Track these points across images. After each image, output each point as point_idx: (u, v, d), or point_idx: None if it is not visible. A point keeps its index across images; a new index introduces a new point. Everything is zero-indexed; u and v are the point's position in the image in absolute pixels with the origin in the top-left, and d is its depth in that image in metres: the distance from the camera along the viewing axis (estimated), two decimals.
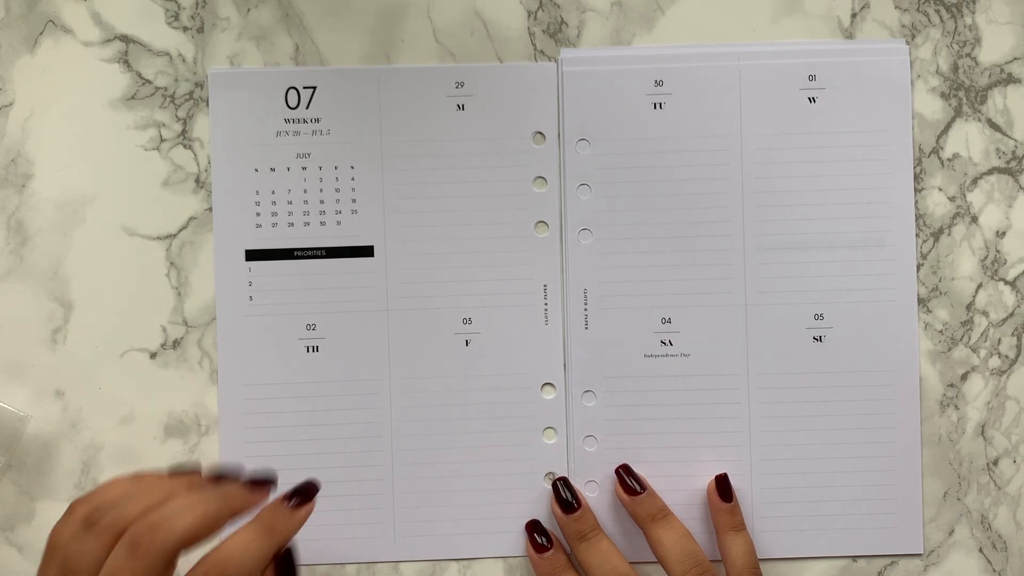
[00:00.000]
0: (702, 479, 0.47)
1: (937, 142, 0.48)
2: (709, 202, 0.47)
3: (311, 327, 0.47)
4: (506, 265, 0.47)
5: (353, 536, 0.47)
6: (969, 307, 0.48)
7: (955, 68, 0.48)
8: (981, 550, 0.48)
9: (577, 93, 0.47)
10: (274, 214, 0.47)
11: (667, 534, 0.44)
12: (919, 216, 0.48)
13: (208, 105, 0.47)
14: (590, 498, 0.47)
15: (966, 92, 0.48)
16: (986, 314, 0.48)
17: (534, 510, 0.47)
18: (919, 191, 0.48)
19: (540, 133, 0.47)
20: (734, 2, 0.48)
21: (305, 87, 0.47)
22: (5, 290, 0.47)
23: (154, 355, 0.47)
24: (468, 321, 0.47)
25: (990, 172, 0.48)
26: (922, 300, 0.48)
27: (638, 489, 0.46)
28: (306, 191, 0.47)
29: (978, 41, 0.48)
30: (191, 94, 0.47)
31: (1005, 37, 0.48)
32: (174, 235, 0.47)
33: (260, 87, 0.47)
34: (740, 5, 0.48)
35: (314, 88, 0.47)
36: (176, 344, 0.47)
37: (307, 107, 0.47)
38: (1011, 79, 0.48)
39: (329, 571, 0.47)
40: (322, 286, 0.47)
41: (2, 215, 0.47)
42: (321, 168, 0.47)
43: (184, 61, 0.47)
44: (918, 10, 0.48)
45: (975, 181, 0.48)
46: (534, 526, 0.46)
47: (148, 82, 0.47)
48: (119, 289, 0.47)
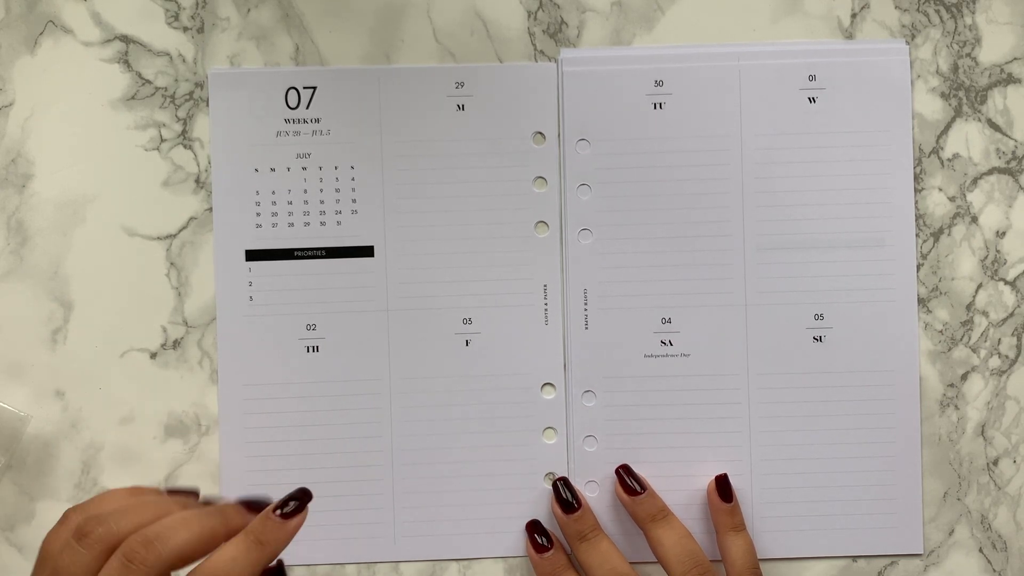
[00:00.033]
0: (702, 479, 0.47)
1: (937, 142, 0.48)
2: (709, 202, 0.47)
3: (311, 327, 0.47)
4: (506, 265, 0.47)
5: (353, 536, 0.47)
6: (969, 307, 0.48)
7: (955, 68, 0.48)
8: (981, 550, 0.48)
9: (577, 93, 0.47)
10: (274, 214, 0.47)
11: (667, 534, 0.44)
12: (919, 216, 0.48)
13: (208, 105, 0.47)
14: (590, 498, 0.47)
15: (966, 92, 0.48)
16: (986, 314, 0.48)
17: (534, 510, 0.47)
18: (919, 191, 0.48)
19: (540, 133, 0.47)
20: (734, 2, 0.48)
21: (305, 87, 0.47)
22: (5, 290, 0.47)
23: (154, 355, 0.47)
24: (468, 321, 0.47)
25: (990, 172, 0.48)
26: (922, 300, 0.48)
27: (638, 489, 0.45)
28: (306, 191, 0.47)
29: (978, 41, 0.48)
30: (191, 94, 0.47)
31: (1005, 37, 0.48)
32: (174, 235, 0.47)
33: (260, 87, 0.47)
34: (740, 5, 0.48)
35: (314, 88, 0.47)
36: (176, 344, 0.47)
37: (307, 107, 0.47)
38: (1011, 79, 0.48)
39: (329, 571, 0.47)
40: (322, 286, 0.47)
41: (2, 215, 0.47)
42: (321, 168, 0.47)
43: (184, 61, 0.47)
44: (918, 10, 0.48)
45: (975, 181, 0.48)
46: (534, 526, 0.46)
47: (148, 82, 0.47)
48: (119, 289, 0.47)
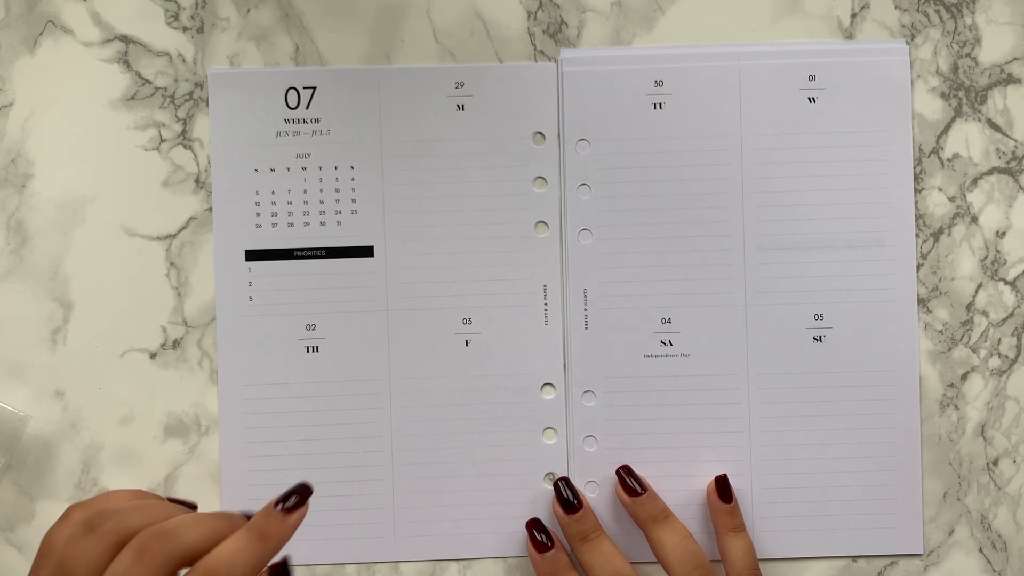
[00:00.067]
0: (702, 479, 0.47)
1: (937, 142, 0.48)
2: (709, 202, 0.47)
3: (311, 327, 0.47)
4: (506, 265, 0.47)
5: (353, 536, 0.47)
6: (969, 307, 0.48)
7: (955, 68, 0.48)
8: (981, 550, 0.48)
9: (577, 93, 0.47)
10: (274, 214, 0.47)
11: (668, 536, 0.44)
12: (919, 216, 0.48)
13: (208, 105, 0.47)
14: (590, 498, 0.47)
15: (966, 92, 0.48)
16: (986, 314, 0.48)
17: (534, 510, 0.47)
18: (919, 191, 0.48)
19: (540, 133, 0.47)
20: (734, 2, 0.48)
21: (305, 87, 0.47)
22: (5, 290, 0.47)
23: (154, 355, 0.47)
24: (468, 321, 0.47)
25: (990, 172, 0.48)
26: (922, 300, 0.48)
27: (639, 490, 0.45)
28: (306, 191, 0.47)
29: (978, 41, 0.48)
30: (191, 94, 0.47)
31: (1005, 37, 0.48)
32: (174, 235, 0.47)
33: (260, 87, 0.47)
34: (740, 5, 0.48)
35: (314, 88, 0.47)
36: (176, 344, 0.47)
37: (307, 107, 0.47)
38: (1011, 79, 0.48)
39: (329, 571, 0.47)
40: (322, 286, 0.47)
41: (2, 215, 0.47)
42: (321, 168, 0.47)
43: (184, 61, 0.47)
44: (918, 10, 0.48)
45: (975, 181, 0.48)
46: (535, 525, 0.46)
47: (148, 82, 0.47)
48: (119, 289, 0.47)
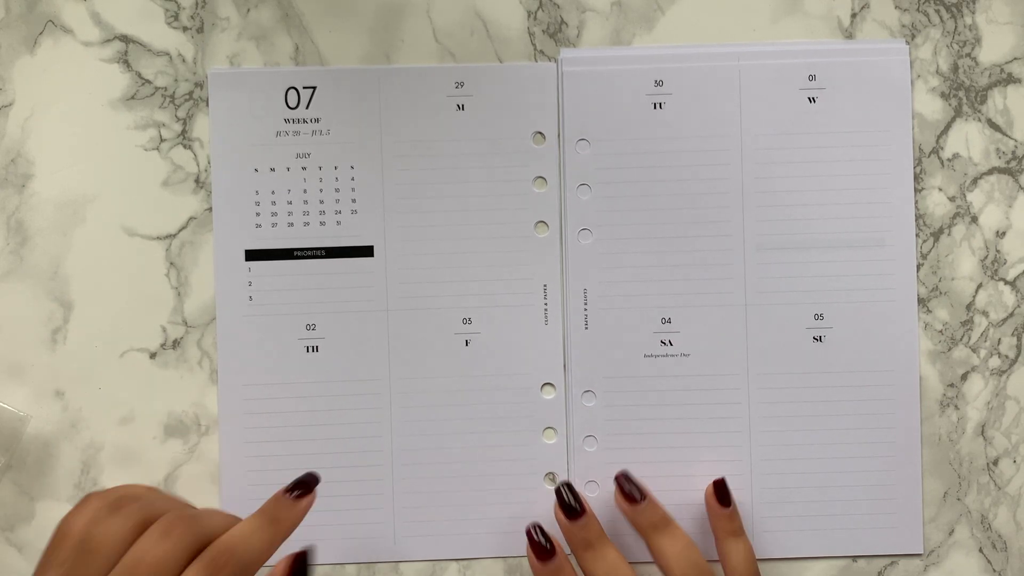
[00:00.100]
0: (702, 479, 0.47)
1: (937, 142, 0.48)
2: (709, 202, 0.47)
3: (311, 327, 0.47)
4: (506, 265, 0.47)
5: (353, 536, 0.47)
6: (969, 307, 0.48)
7: (955, 68, 0.48)
8: (981, 550, 0.48)
9: (577, 93, 0.47)
10: (274, 214, 0.47)
11: (670, 545, 0.43)
12: (919, 216, 0.48)
13: (208, 105, 0.47)
14: (590, 498, 0.47)
15: (966, 92, 0.48)
16: (986, 314, 0.48)
17: (534, 510, 0.47)
18: (919, 191, 0.48)
19: (540, 133, 0.47)
20: (734, 2, 0.48)
21: (305, 87, 0.47)
22: (5, 290, 0.47)
23: (154, 355, 0.47)
24: (468, 321, 0.47)
25: (990, 172, 0.48)
26: (922, 300, 0.48)
27: (638, 497, 0.44)
28: (306, 191, 0.47)
29: (978, 41, 0.48)
30: (191, 94, 0.47)
31: (1005, 37, 0.48)
32: (174, 235, 0.47)
33: (260, 87, 0.47)
34: (740, 5, 0.48)
35: (314, 88, 0.47)
36: (176, 344, 0.47)
37: (307, 107, 0.47)
38: (1011, 79, 0.48)
39: (329, 571, 0.47)
40: (322, 286, 0.47)
41: (2, 215, 0.47)
42: (321, 168, 0.47)
43: (184, 61, 0.47)
44: (918, 10, 0.48)
45: (975, 181, 0.48)
46: (535, 531, 0.44)
47: (148, 82, 0.47)
48: (119, 289, 0.47)
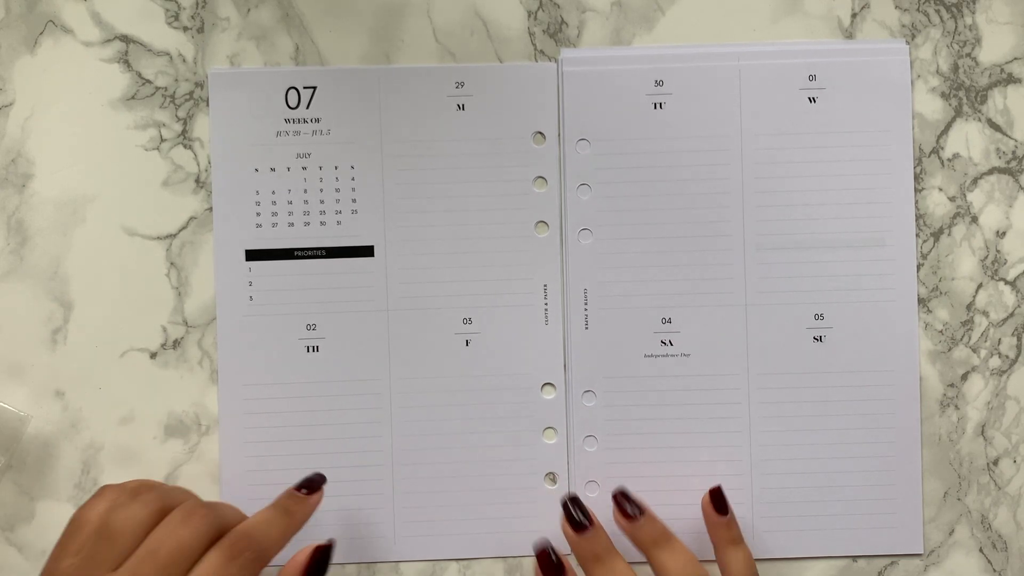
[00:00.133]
0: (702, 479, 0.47)
1: (937, 142, 0.48)
2: (709, 202, 0.47)
3: (311, 327, 0.47)
4: (506, 265, 0.47)
5: (353, 536, 0.47)
6: (969, 307, 0.48)
7: (955, 68, 0.48)
8: (981, 550, 0.48)
9: (577, 93, 0.47)
10: (274, 214, 0.47)
11: (671, 559, 0.42)
12: (919, 216, 0.48)
13: (208, 105, 0.47)
14: (591, 498, 0.47)
15: (966, 92, 0.48)
16: (986, 314, 0.48)
17: (534, 510, 0.47)
18: (919, 191, 0.48)
19: (540, 133, 0.47)
20: (734, 2, 0.48)
21: (305, 87, 0.47)
22: (5, 290, 0.47)
23: (154, 355, 0.47)
24: (468, 321, 0.47)
25: (990, 172, 0.48)
26: (922, 300, 0.48)
27: (636, 514, 0.43)
28: (306, 191, 0.47)
29: (978, 41, 0.48)
30: (191, 94, 0.47)
31: (1005, 37, 0.48)
32: (174, 235, 0.47)
33: (260, 87, 0.47)
34: (740, 5, 0.48)
35: (314, 88, 0.47)
36: (176, 344, 0.47)
37: (307, 107, 0.47)
38: (1011, 79, 0.48)
39: (329, 571, 0.47)
40: (322, 286, 0.47)
41: (2, 215, 0.47)
42: (321, 168, 0.47)
43: (184, 61, 0.47)
44: (918, 10, 0.48)
45: (975, 181, 0.48)
46: (545, 551, 0.42)
47: (148, 82, 0.47)
48: (119, 289, 0.47)
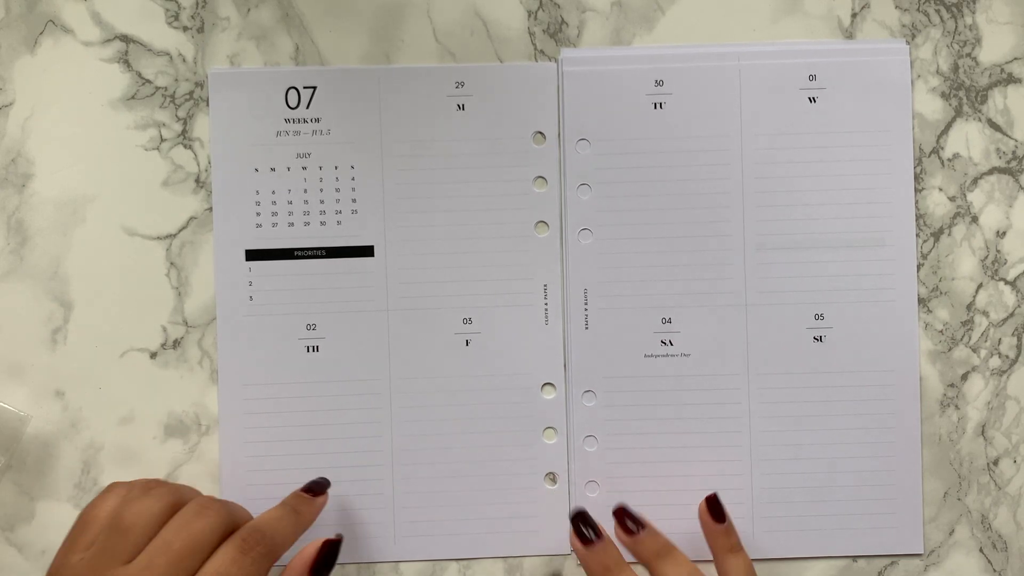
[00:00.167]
0: (702, 479, 0.47)
1: (937, 142, 0.48)
2: (709, 202, 0.47)
3: (311, 327, 0.47)
4: (506, 265, 0.47)
5: (353, 536, 0.47)
6: (969, 307, 0.48)
7: (955, 68, 0.48)
8: (981, 550, 0.48)
9: (577, 93, 0.47)
10: (274, 214, 0.47)
11: (674, 571, 0.42)
12: (919, 216, 0.48)
13: (208, 105, 0.47)
14: (590, 498, 0.47)
15: (966, 92, 0.48)
16: (986, 314, 0.48)
17: (534, 510, 0.47)
18: (919, 191, 0.48)
19: (540, 133, 0.47)
20: (734, 2, 0.48)
21: (305, 87, 0.47)
22: (5, 290, 0.47)
23: (154, 355, 0.47)
24: (468, 321, 0.47)
25: (990, 172, 0.48)
26: (922, 300, 0.48)
27: (637, 529, 0.43)
28: (306, 191, 0.47)
29: (978, 41, 0.48)
30: (191, 94, 0.47)
31: (1005, 37, 0.48)
32: (174, 235, 0.47)
33: (260, 87, 0.47)
34: (740, 5, 0.48)
35: (314, 88, 0.47)
36: (176, 344, 0.47)
37: (307, 107, 0.47)
38: (1011, 79, 0.48)
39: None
40: (322, 286, 0.47)
41: (2, 215, 0.47)
42: (321, 168, 0.47)
43: (184, 61, 0.47)
44: (918, 10, 0.48)
45: (975, 181, 0.48)
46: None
47: (148, 82, 0.47)
48: (119, 289, 0.47)
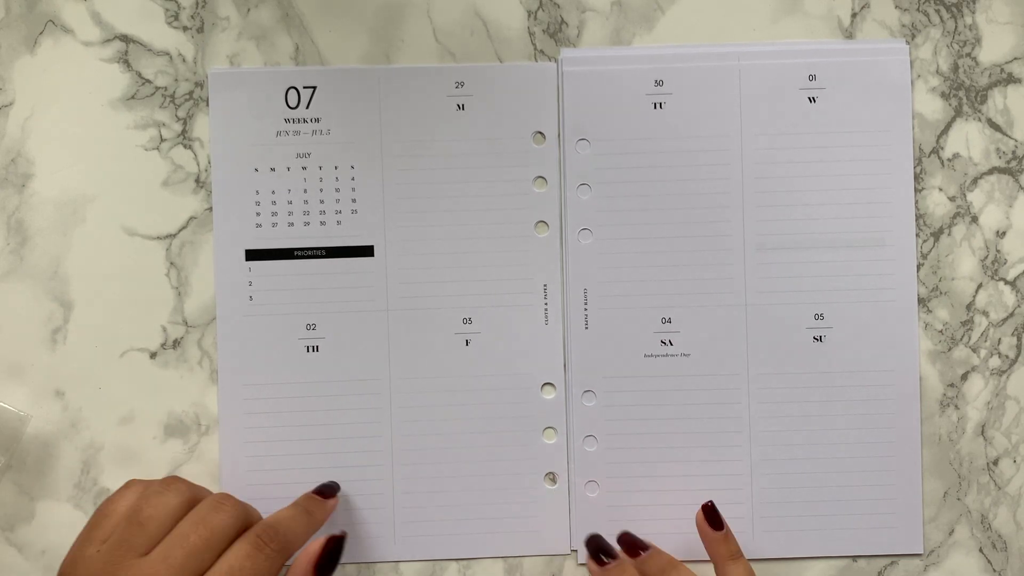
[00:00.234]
0: (702, 479, 0.47)
1: (937, 142, 0.48)
2: (709, 202, 0.47)
3: (311, 327, 0.47)
4: (506, 265, 0.47)
5: (353, 536, 0.47)
6: (969, 307, 0.48)
7: (955, 68, 0.48)
8: (981, 550, 0.48)
9: (577, 93, 0.47)
10: (274, 214, 0.47)
11: None
12: (919, 216, 0.48)
13: (208, 105, 0.47)
14: (591, 498, 0.47)
15: (966, 92, 0.48)
16: (986, 314, 0.48)
17: (534, 510, 0.47)
18: (919, 191, 0.48)
19: (540, 133, 0.47)
20: (734, 2, 0.48)
21: (305, 87, 0.47)
22: (5, 290, 0.47)
23: (154, 355, 0.47)
24: (468, 321, 0.47)
25: (990, 172, 0.48)
26: (922, 300, 0.48)
27: (641, 553, 0.43)
28: (306, 191, 0.47)
29: (978, 41, 0.48)
30: (191, 94, 0.47)
31: (1005, 37, 0.48)
32: (174, 235, 0.47)
33: (260, 87, 0.47)
34: (740, 5, 0.48)
35: (314, 88, 0.47)
36: (176, 344, 0.47)
37: (307, 107, 0.47)
38: (1011, 79, 0.48)
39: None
40: (322, 286, 0.47)
41: (2, 215, 0.47)
42: (321, 168, 0.47)
43: (184, 61, 0.47)
44: (918, 10, 0.48)
45: (975, 181, 0.48)
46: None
47: (148, 82, 0.47)
48: (119, 289, 0.47)
